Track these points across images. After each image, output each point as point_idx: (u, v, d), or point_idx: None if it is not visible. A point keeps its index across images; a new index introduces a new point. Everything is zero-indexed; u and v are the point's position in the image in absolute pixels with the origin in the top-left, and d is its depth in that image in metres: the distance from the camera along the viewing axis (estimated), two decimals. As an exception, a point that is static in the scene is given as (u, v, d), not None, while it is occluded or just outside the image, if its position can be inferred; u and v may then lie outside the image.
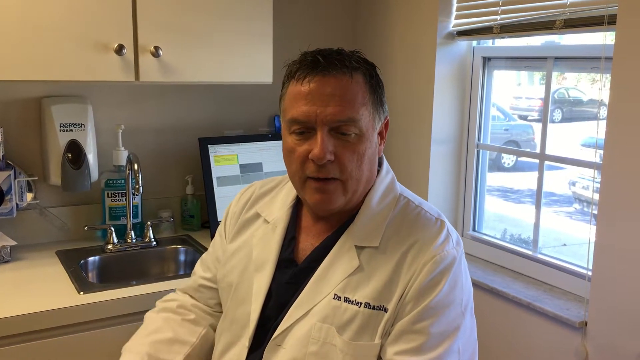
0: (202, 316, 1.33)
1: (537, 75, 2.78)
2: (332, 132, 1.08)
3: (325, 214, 1.18)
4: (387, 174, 1.22)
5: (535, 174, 2.04)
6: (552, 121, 2.73)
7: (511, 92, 2.10)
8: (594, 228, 1.71)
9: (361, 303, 1.10)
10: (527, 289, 1.95)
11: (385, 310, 1.08)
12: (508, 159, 2.95)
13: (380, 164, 1.22)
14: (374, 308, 1.09)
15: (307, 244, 1.21)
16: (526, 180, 2.11)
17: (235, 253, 1.27)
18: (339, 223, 1.18)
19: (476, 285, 2.04)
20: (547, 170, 2.05)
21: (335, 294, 1.11)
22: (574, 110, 2.85)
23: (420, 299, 1.07)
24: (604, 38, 1.67)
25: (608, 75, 1.65)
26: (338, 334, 1.09)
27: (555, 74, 1.96)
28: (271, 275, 1.20)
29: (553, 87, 2.01)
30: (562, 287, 1.94)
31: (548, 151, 2.01)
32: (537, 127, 2.64)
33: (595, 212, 1.68)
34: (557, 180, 2.32)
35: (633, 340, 1.60)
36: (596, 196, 1.68)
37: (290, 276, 1.19)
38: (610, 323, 1.66)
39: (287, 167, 1.15)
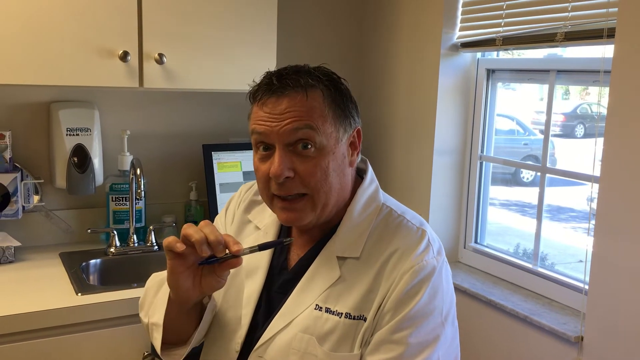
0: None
1: (560, 89, 2.77)
2: (290, 147, 1.09)
3: (301, 227, 1.19)
4: (371, 184, 1.22)
5: (555, 189, 2.00)
6: (574, 136, 2.71)
7: (533, 106, 2.08)
8: (591, 242, 1.70)
9: (342, 313, 1.10)
10: (526, 302, 1.94)
11: (364, 319, 1.09)
12: (527, 174, 2.92)
13: (364, 173, 1.23)
14: (354, 318, 1.09)
15: (294, 254, 1.22)
16: (546, 196, 2.07)
17: None
18: (322, 234, 1.19)
19: (474, 297, 2.04)
20: (568, 187, 2.01)
21: (316, 305, 1.12)
22: (598, 126, 2.82)
23: (398, 309, 1.07)
24: (603, 51, 1.66)
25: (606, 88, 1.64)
26: (319, 345, 1.10)
27: (579, 87, 1.94)
28: (263, 281, 1.21)
29: (576, 102, 1.99)
30: (560, 301, 1.92)
31: (569, 167, 1.97)
32: (559, 142, 2.61)
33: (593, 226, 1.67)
34: (576, 196, 2.29)
35: (629, 356, 1.58)
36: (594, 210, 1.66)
37: (280, 285, 1.20)
38: (606, 338, 1.64)
39: (257, 185, 1.17)
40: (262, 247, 1.10)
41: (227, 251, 1.05)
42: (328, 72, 1.15)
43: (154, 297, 1.25)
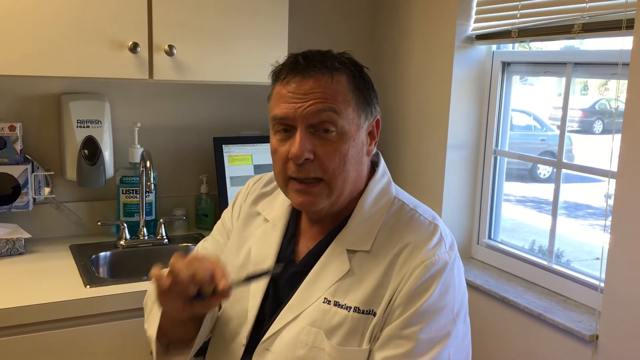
0: None
1: (579, 84, 2.72)
2: (311, 129, 1.07)
3: (313, 215, 1.18)
4: (383, 176, 1.19)
5: (572, 186, 1.96)
6: (593, 132, 2.66)
7: (551, 102, 2.05)
8: (607, 239, 1.66)
9: (350, 307, 1.08)
10: (540, 300, 1.90)
11: (374, 314, 1.07)
12: (544, 170, 2.88)
13: (376, 166, 1.20)
14: (363, 312, 1.07)
15: (303, 246, 1.21)
16: (563, 192, 2.04)
17: (234, 248, 1.27)
18: (332, 226, 1.17)
19: (487, 294, 2.00)
20: (585, 183, 1.97)
21: (325, 298, 1.10)
22: (617, 122, 2.77)
23: (409, 304, 1.05)
24: (621, 43, 1.62)
25: (625, 82, 1.59)
26: (326, 338, 1.08)
27: (597, 83, 1.90)
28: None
29: (594, 98, 1.94)
30: (576, 299, 1.89)
31: (586, 163, 1.93)
32: (577, 138, 2.56)
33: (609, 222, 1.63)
34: (593, 193, 2.23)
35: (645, 356, 1.55)
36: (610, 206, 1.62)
37: (287, 278, 1.18)
38: (622, 337, 1.61)
39: (273, 167, 1.15)
40: (248, 279, 1.09)
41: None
42: (353, 58, 1.14)
43: (154, 303, 1.22)
